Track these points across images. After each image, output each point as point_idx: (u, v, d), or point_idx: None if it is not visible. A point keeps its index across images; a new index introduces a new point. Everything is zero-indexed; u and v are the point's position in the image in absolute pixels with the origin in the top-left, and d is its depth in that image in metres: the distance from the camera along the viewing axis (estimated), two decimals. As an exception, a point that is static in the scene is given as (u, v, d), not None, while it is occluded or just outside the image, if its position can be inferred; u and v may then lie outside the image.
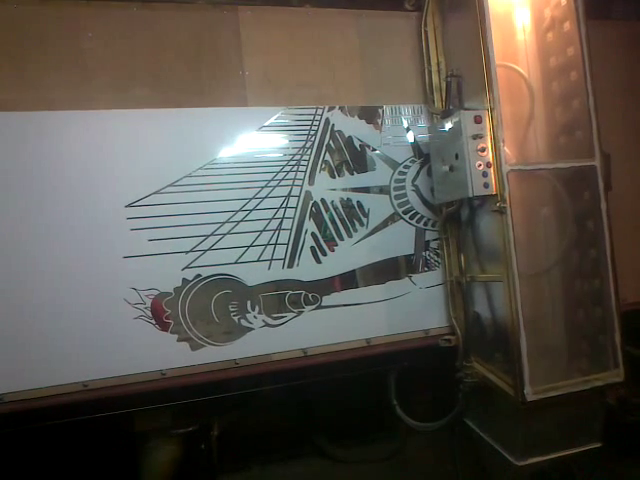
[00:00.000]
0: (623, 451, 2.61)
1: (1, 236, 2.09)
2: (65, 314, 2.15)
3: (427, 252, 2.63)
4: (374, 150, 2.59)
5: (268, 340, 2.38)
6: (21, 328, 2.10)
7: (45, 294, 2.13)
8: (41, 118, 2.16)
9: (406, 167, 2.63)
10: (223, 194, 2.35)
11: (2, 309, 2.08)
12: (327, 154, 2.52)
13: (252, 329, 2.36)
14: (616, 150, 2.78)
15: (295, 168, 2.47)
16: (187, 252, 2.29)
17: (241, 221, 2.37)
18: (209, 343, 2.30)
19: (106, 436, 2.47)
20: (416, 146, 2.65)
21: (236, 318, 2.35)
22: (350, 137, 2.56)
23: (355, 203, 2.54)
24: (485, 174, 2.16)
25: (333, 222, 2.50)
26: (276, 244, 2.41)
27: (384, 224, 2.58)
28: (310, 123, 2.51)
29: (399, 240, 2.59)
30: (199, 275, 2.30)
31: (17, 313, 2.10)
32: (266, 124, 2.45)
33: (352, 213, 2.54)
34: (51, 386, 2.11)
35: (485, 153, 2.17)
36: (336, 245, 2.50)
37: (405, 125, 2.65)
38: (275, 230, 2.41)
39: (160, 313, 2.25)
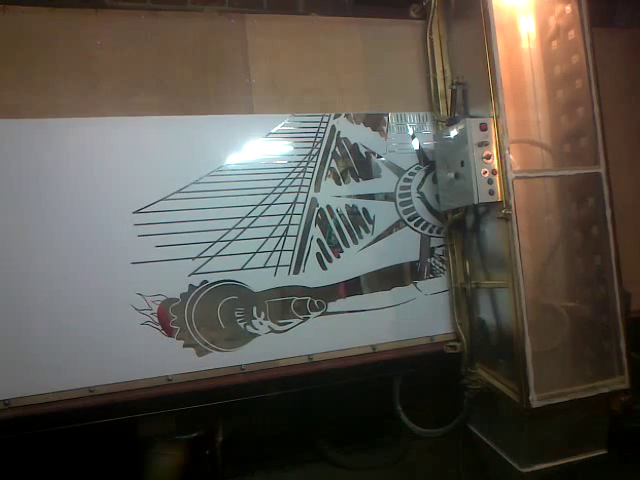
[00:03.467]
0: (628, 458, 2.61)
1: (8, 241, 2.10)
2: (72, 319, 2.15)
3: (432, 259, 2.64)
4: (379, 157, 2.61)
5: (274, 346, 2.39)
6: (27, 333, 2.11)
7: (52, 299, 2.14)
8: (48, 125, 2.18)
9: (411, 174, 2.65)
10: (230, 201, 2.37)
11: (8, 314, 2.09)
12: (333, 161, 2.54)
13: (258, 335, 2.37)
14: (621, 156, 2.80)
15: (301, 175, 2.48)
16: (194, 258, 2.30)
17: (247, 228, 2.38)
18: (215, 349, 2.31)
19: (111, 441, 2.47)
20: (421, 153, 2.67)
21: (242, 324, 2.36)
22: (356, 144, 2.58)
23: (361, 210, 2.56)
24: (490, 181, 2.18)
25: (339, 229, 2.52)
26: (282, 250, 2.42)
27: (389, 231, 2.59)
28: (316, 130, 2.53)
29: (404, 247, 2.60)
30: (205, 281, 2.31)
31: (23, 318, 2.10)
32: (273, 131, 2.47)
33: (358, 220, 2.55)
34: (57, 391, 2.12)
35: (490, 160, 2.19)
36: (342, 251, 2.51)
37: (410, 132, 2.67)
38: (281, 237, 2.42)
39: (166, 319, 2.26)
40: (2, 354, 2.07)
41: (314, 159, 2.51)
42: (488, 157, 2.18)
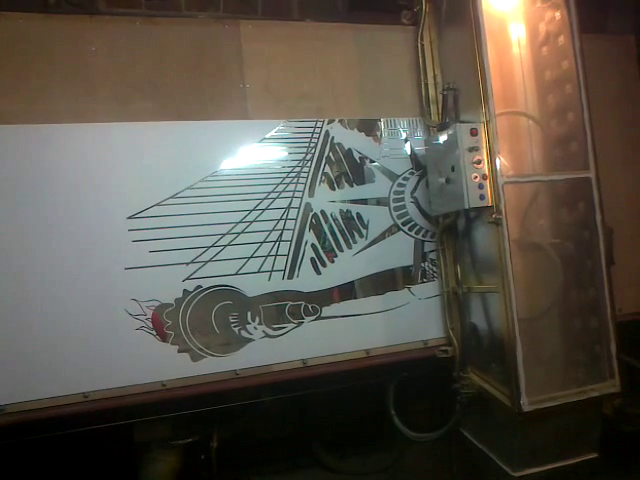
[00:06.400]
0: (620, 461, 2.62)
1: (3, 247, 2.11)
2: (66, 325, 2.16)
3: (426, 263, 2.65)
4: (373, 162, 2.63)
5: (268, 351, 2.40)
6: (22, 339, 2.11)
7: (47, 305, 2.14)
8: (44, 131, 2.19)
9: (405, 179, 2.67)
10: (224, 206, 2.38)
11: (4, 320, 2.09)
12: (327, 166, 2.56)
13: (252, 340, 2.38)
14: (612, 161, 2.84)
15: (295, 180, 2.50)
16: (188, 263, 2.31)
17: (242, 233, 2.39)
18: (209, 354, 2.31)
19: (106, 447, 2.47)
20: (415, 158, 2.68)
21: (236, 329, 2.36)
22: (350, 149, 2.60)
23: (355, 215, 2.57)
24: (481, 186, 2.19)
25: (333, 234, 2.53)
26: (276, 255, 2.43)
27: (383, 235, 2.61)
28: (310, 135, 2.54)
29: (398, 251, 2.62)
30: (200, 286, 2.32)
31: (19, 324, 2.11)
32: (267, 136, 2.49)
33: (352, 225, 2.56)
34: (52, 397, 2.12)
35: (481, 165, 2.21)
36: (336, 256, 2.53)
37: (403, 138, 2.69)
38: (275, 242, 2.44)
39: (161, 324, 2.27)
40: (-3, 360, 2.07)
41: (308, 164, 2.53)
42: (479, 162, 2.19)
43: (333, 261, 2.52)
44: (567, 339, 2.34)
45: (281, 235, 2.45)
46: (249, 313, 2.38)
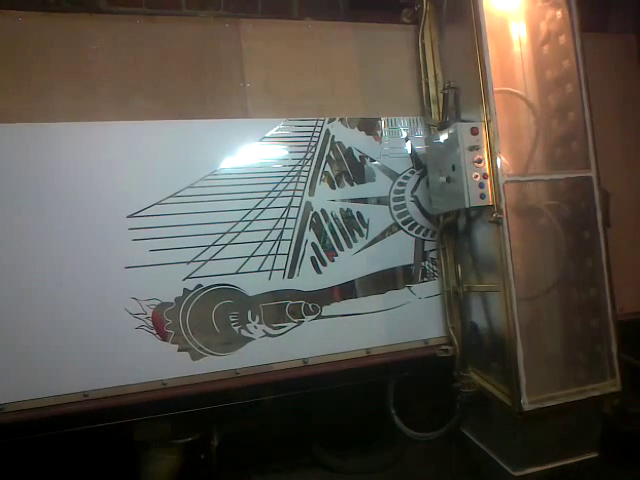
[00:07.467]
0: (620, 461, 2.62)
1: (3, 246, 2.11)
2: (66, 324, 2.16)
3: (426, 262, 2.65)
4: (374, 161, 2.62)
5: (268, 350, 2.39)
6: (22, 338, 2.11)
7: (47, 304, 2.14)
8: (44, 130, 2.19)
9: (405, 178, 2.66)
10: (224, 205, 2.38)
11: (3, 319, 2.09)
12: (327, 165, 2.55)
13: (252, 339, 2.38)
14: (613, 160, 2.83)
15: (296, 179, 2.49)
16: (188, 262, 2.31)
17: (242, 231, 2.39)
18: (210, 353, 2.31)
19: (106, 446, 2.47)
20: (415, 157, 2.68)
21: (236, 328, 2.36)
22: (350, 148, 2.59)
23: (355, 214, 2.57)
24: (482, 185, 2.19)
25: (333, 232, 2.53)
26: (276, 254, 2.43)
27: (384, 234, 2.61)
28: (311, 134, 2.54)
29: (399, 250, 2.62)
30: (200, 285, 2.32)
31: (18, 323, 2.11)
32: (267, 135, 2.48)
33: (352, 224, 2.56)
34: (52, 396, 2.12)
35: (482, 164, 2.20)
36: (336, 255, 2.52)
37: (404, 137, 2.68)
38: (276, 240, 2.43)
39: (161, 323, 2.26)
40: (-3, 359, 2.07)
41: (308, 163, 2.53)
42: (479, 161, 2.19)
43: (333, 260, 2.52)
44: (568, 338, 2.34)
45: (281, 234, 2.45)
46: (249, 312, 2.38)
